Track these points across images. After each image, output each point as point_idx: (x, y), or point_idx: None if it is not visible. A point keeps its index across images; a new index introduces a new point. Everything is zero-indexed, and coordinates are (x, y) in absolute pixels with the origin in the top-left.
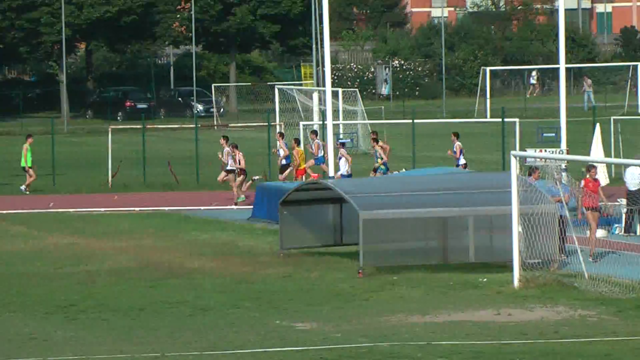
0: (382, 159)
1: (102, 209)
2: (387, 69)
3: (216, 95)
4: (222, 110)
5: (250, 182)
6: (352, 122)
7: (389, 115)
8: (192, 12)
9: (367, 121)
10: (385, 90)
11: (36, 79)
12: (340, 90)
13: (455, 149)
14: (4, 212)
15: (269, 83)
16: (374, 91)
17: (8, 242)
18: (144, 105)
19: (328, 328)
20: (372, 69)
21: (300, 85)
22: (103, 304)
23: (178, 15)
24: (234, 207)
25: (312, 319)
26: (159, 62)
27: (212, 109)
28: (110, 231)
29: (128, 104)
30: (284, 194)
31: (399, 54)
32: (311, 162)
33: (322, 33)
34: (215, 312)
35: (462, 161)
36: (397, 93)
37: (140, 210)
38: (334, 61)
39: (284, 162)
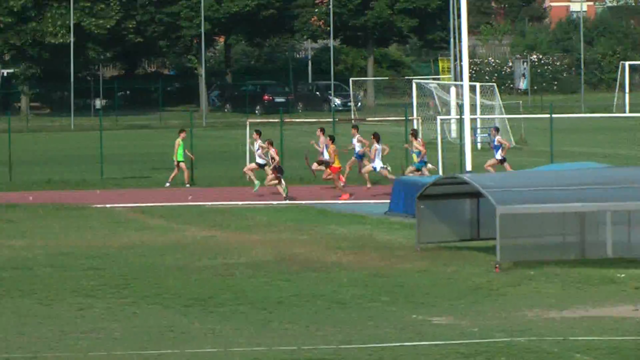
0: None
1: (240, 203)
2: (525, 63)
3: (354, 89)
4: (359, 104)
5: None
6: (490, 116)
7: (527, 109)
8: (331, 6)
9: (504, 115)
10: (523, 84)
11: (175, 73)
12: (477, 84)
13: (495, 143)
14: (144, 205)
15: (406, 77)
16: (511, 85)
17: (147, 235)
18: (282, 99)
19: (464, 322)
20: (510, 64)
21: (438, 79)
22: (240, 296)
23: (316, 10)
24: (338, 201)
25: (449, 313)
26: (297, 56)
27: (349, 103)
28: (248, 224)
29: (266, 97)
30: (421, 188)
31: (537, 49)
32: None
33: (460, 27)
34: (352, 305)
35: (499, 156)
36: (535, 87)
37: (277, 203)
38: (471, 55)
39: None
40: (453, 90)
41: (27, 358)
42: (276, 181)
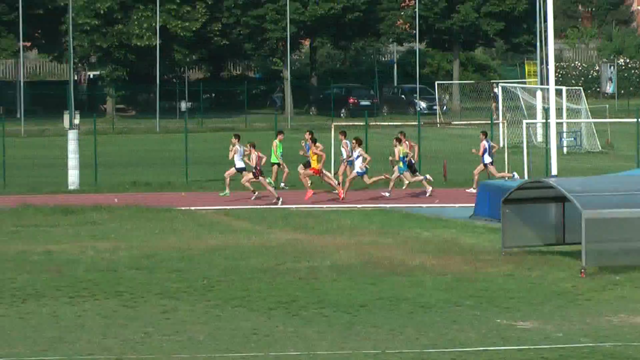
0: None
1: (325, 206)
2: (612, 67)
3: (439, 92)
4: (445, 107)
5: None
6: (576, 120)
7: (614, 114)
8: (417, 9)
9: (591, 120)
10: (610, 88)
11: (261, 76)
12: (564, 88)
13: (487, 145)
14: (228, 207)
15: (492, 81)
16: (598, 89)
17: (231, 237)
18: (367, 103)
19: (549, 327)
20: (597, 67)
21: (524, 83)
22: (324, 299)
23: (402, 13)
24: (424, 205)
25: (533, 318)
26: (383, 59)
27: (435, 107)
28: (332, 227)
29: (351, 100)
30: (506, 193)
31: (624, 52)
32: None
33: (546, 31)
34: (436, 309)
35: (487, 160)
36: (622, 92)
37: (362, 207)
38: (558, 59)
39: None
40: (539, 94)
41: (112, 359)
42: (254, 181)
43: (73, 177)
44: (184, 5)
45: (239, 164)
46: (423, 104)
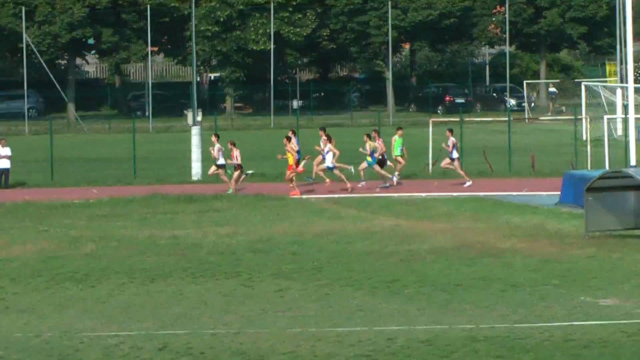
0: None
1: (424, 194)
2: None
3: (527, 91)
4: (532, 104)
5: (244, 176)
6: None
7: None
8: (507, 15)
9: None
10: None
11: (365, 76)
12: None
13: (449, 144)
14: (337, 196)
15: (576, 80)
16: None
17: (339, 223)
18: (461, 100)
19: (629, 304)
20: None
21: (605, 82)
22: (423, 279)
23: (493, 18)
24: (513, 193)
25: (614, 295)
26: (476, 60)
27: (523, 104)
28: (430, 214)
29: (447, 98)
30: (590, 182)
31: None
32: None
33: (625, 34)
34: (525, 288)
35: (454, 155)
36: None
37: (457, 195)
38: (636, 59)
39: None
40: (619, 91)
41: (231, 334)
42: (240, 177)
43: (196, 169)
44: (296, 13)
45: (221, 161)
46: (512, 102)
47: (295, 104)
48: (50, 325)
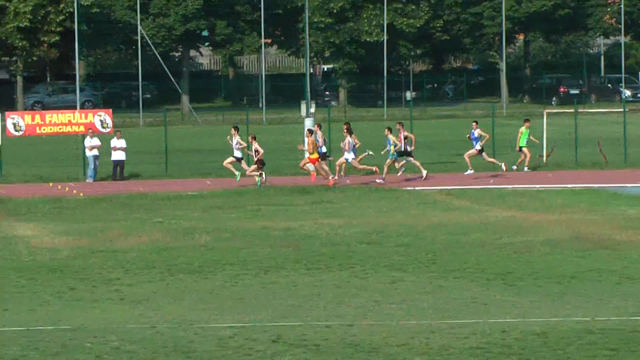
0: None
1: (538, 186)
2: None
3: None
4: None
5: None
6: None
7: None
8: (622, 5)
9: None
10: None
11: (478, 67)
12: None
13: (474, 134)
14: (450, 187)
15: None
16: None
17: (453, 215)
18: (576, 91)
19: None
20: None
21: None
22: (538, 271)
23: (608, 9)
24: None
25: None
26: (591, 51)
27: (639, 95)
28: (544, 206)
29: (562, 89)
30: None
31: None
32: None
33: None
34: None
35: (477, 147)
36: None
37: (572, 187)
38: None
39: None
40: None
41: (345, 325)
42: (257, 172)
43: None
44: (409, 4)
45: (237, 153)
46: (628, 92)
47: (409, 95)
48: (165, 317)
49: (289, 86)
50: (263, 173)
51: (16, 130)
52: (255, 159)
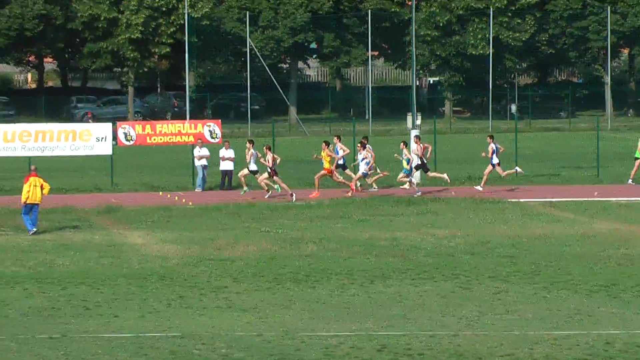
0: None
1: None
2: None
3: None
4: None
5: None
6: None
7: None
8: None
9: None
10: None
11: (583, 81)
12: None
13: (488, 150)
14: (553, 199)
15: None
16: None
17: (556, 227)
18: None
19: None
20: None
21: None
22: None
23: None
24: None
25: None
26: None
27: None
28: None
29: None
30: None
31: None
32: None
33: None
34: None
35: (495, 160)
36: None
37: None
38: None
39: (340, 162)
40: None
41: (450, 335)
42: (267, 181)
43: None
44: (515, 18)
45: (252, 166)
46: None
47: (514, 108)
48: (272, 325)
49: (395, 98)
50: (275, 185)
51: (127, 140)
52: (271, 169)
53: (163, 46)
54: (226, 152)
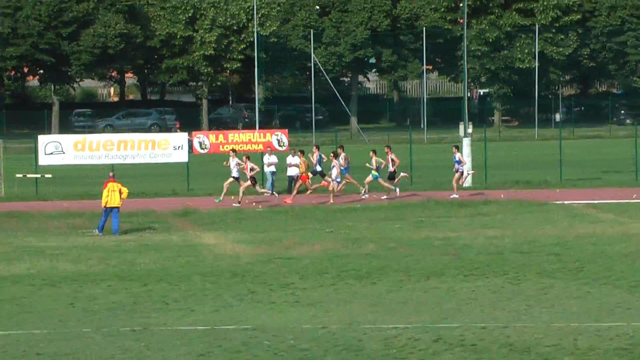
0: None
1: None
2: None
3: None
4: None
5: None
6: None
7: None
8: None
9: None
10: None
11: (622, 92)
12: None
13: (456, 159)
14: (595, 201)
15: None
16: None
17: (598, 227)
18: None
19: None
20: None
21: None
22: None
23: None
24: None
25: None
26: None
27: None
28: None
29: None
30: None
31: None
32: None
33: None
34: None
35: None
36: None
37: None
38: None
39: (318, 168)
40: None
41: (500, 327)
42: (248, 187)
43: (468, 177)
44: (558, 34)
45: (235, 173)
46: None
47: (558, 117)
48: (336, 318)
49: (448, 108)
50: (258, 190)
51: (202, 148)
52: (250, 176)
53: (234, 62)
54: (293, 159)
